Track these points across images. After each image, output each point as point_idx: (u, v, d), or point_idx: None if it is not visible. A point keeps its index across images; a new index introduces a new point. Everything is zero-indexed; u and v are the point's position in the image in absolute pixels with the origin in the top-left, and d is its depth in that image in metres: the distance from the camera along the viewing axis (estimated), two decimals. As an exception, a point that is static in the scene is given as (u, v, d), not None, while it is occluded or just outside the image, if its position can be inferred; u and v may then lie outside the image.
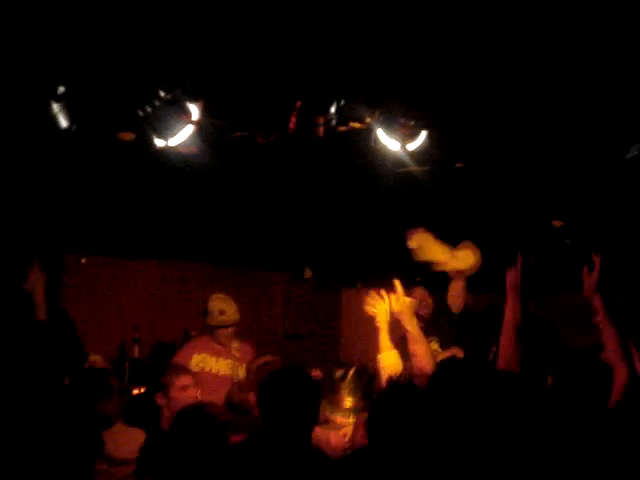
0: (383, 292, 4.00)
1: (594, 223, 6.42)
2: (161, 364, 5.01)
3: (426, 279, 6.48)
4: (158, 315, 6.88)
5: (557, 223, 7.11)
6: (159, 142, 4.08)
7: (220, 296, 5.39)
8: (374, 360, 3.99)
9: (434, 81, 4.68)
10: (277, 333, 7.84)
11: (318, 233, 7.17)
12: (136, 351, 6.50)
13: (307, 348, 7.85)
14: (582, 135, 5.08)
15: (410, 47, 4.29)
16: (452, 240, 6.67)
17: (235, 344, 5.38)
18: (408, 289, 5.17)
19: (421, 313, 5.19)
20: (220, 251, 6.95)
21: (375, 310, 3.97)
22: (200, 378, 4.65)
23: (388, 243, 7.11)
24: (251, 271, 7.53)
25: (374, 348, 3.98)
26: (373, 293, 4.03)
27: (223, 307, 5.30)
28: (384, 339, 3.96)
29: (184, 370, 4.33)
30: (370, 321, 4.06)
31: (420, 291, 5.42)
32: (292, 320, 7.95)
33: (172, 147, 4.14)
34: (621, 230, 6.13)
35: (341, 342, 8.37)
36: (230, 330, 5.33)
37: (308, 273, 7.90)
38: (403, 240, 6.92)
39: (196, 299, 6.36)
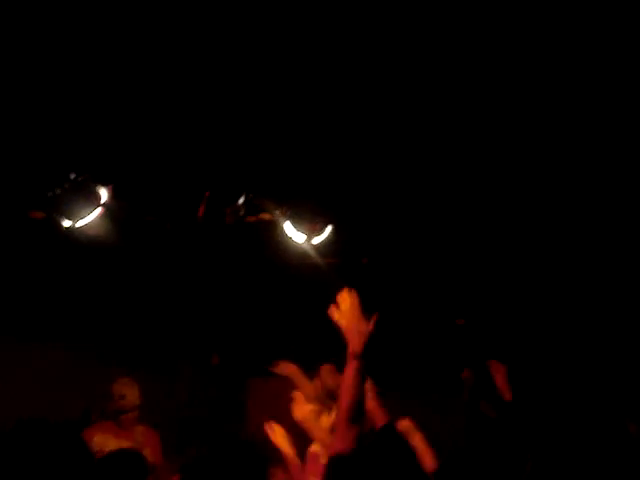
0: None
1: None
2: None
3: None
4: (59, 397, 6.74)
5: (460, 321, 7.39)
6: (66, 222, 4.17)
7: (124, 380, 5.35)
8: None
9: (342, 181, 4.96)
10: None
11: (227, 321, 7.24)
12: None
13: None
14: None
15: (319, 150, 4.57)
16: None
17: (140, 428, 5.29)
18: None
19: None
20: (125, 335, 6.91)
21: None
22: None
23: (295, 333, 7.25)
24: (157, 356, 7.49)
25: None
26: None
27: (124, 392, 5.27)
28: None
29: None
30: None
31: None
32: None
33: (79, 228, 4.23)
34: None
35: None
36: (131, 415, 5.29)
37: (216, 360, 7.90)
38: (309, 330, 7.07)
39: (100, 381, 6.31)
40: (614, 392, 5.30)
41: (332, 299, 6.55)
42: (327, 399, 4.86)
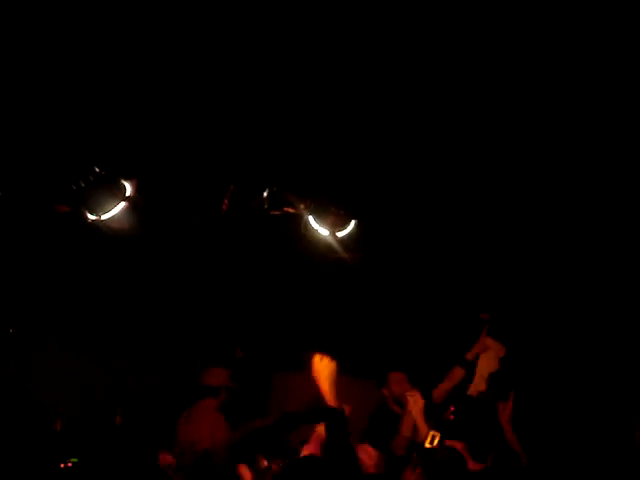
0: None
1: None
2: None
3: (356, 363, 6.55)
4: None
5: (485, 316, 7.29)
6: (91, 216, 4.18)
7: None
8: None
9: (367, 174, 4.93)
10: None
11: (251, 314, 7.23)
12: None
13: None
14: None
15: (343, 144, 4.55)
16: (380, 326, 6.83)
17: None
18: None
19: None
20: (149, 330, 6.93)
21: None
22: None
23: (321, 327, 7.22)
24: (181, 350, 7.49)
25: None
26: None
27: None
28: None
29: None
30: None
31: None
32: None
33: (104, 221, 4.24)
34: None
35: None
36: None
37: (239, 354, 7.89)
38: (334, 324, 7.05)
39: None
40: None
41: (356, 293, 6.52)
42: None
